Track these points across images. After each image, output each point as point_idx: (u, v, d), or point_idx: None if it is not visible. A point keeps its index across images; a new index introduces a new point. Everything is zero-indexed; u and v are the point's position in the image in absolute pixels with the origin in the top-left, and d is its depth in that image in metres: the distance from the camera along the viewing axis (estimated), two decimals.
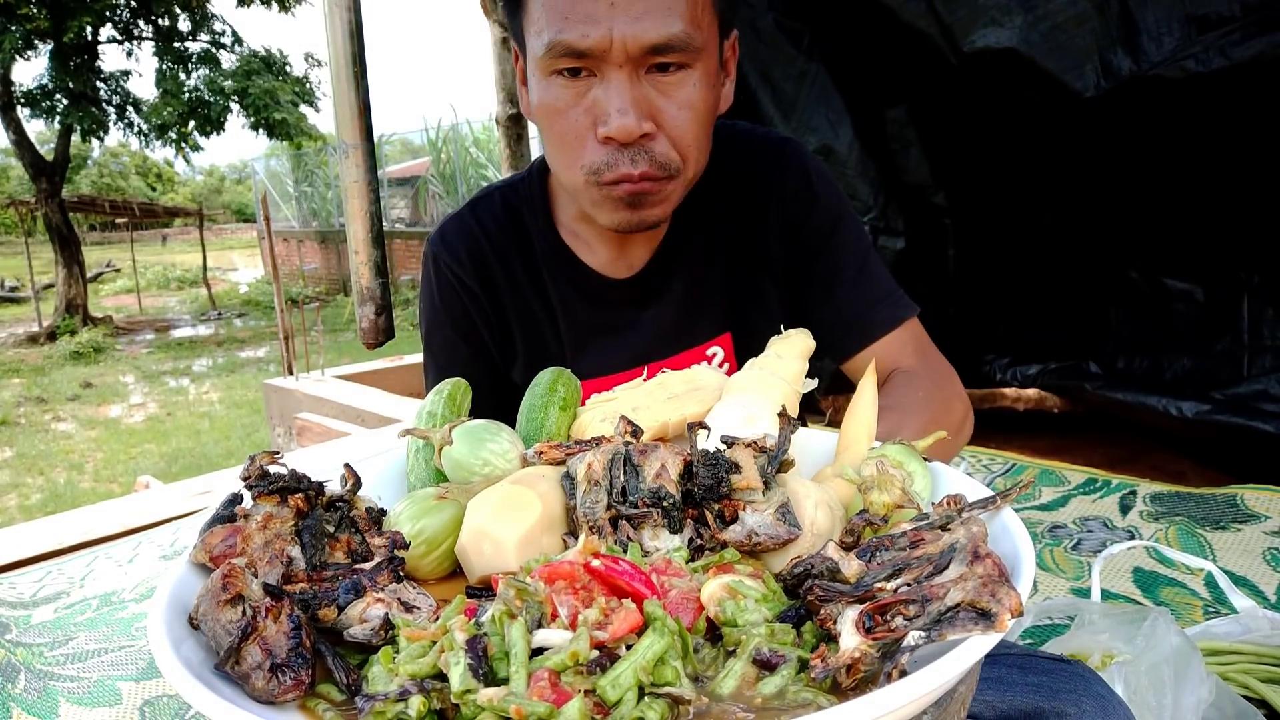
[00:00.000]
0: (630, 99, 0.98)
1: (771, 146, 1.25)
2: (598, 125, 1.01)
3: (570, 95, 1.01)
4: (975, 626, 0.45)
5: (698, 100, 1.03)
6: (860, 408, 0.80)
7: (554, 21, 0.98)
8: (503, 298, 1.28)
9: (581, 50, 0.97)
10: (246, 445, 6.95)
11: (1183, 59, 2.38)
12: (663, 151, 1.02)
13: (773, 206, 1.23)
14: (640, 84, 0.99)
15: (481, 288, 1.27)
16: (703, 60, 1.02)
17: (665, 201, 1.08)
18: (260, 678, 0.50)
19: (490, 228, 1.28)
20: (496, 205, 1.29)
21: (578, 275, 1.25)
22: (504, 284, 1.28)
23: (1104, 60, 2.51)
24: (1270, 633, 1.48)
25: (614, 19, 0.96)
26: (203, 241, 18.71)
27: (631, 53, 0.97)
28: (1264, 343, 2.76)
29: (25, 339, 13.46)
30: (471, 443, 0.77)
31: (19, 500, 6.11)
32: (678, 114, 1.02)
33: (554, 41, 0.98)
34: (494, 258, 1.27)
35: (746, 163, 1.24)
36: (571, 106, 1.02)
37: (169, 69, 15.01)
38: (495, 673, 0.48)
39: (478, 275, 1.27)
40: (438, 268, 1.30)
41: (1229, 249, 2.81)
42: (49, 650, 1.75)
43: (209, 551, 0.62)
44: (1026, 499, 2.33)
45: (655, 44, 0.96)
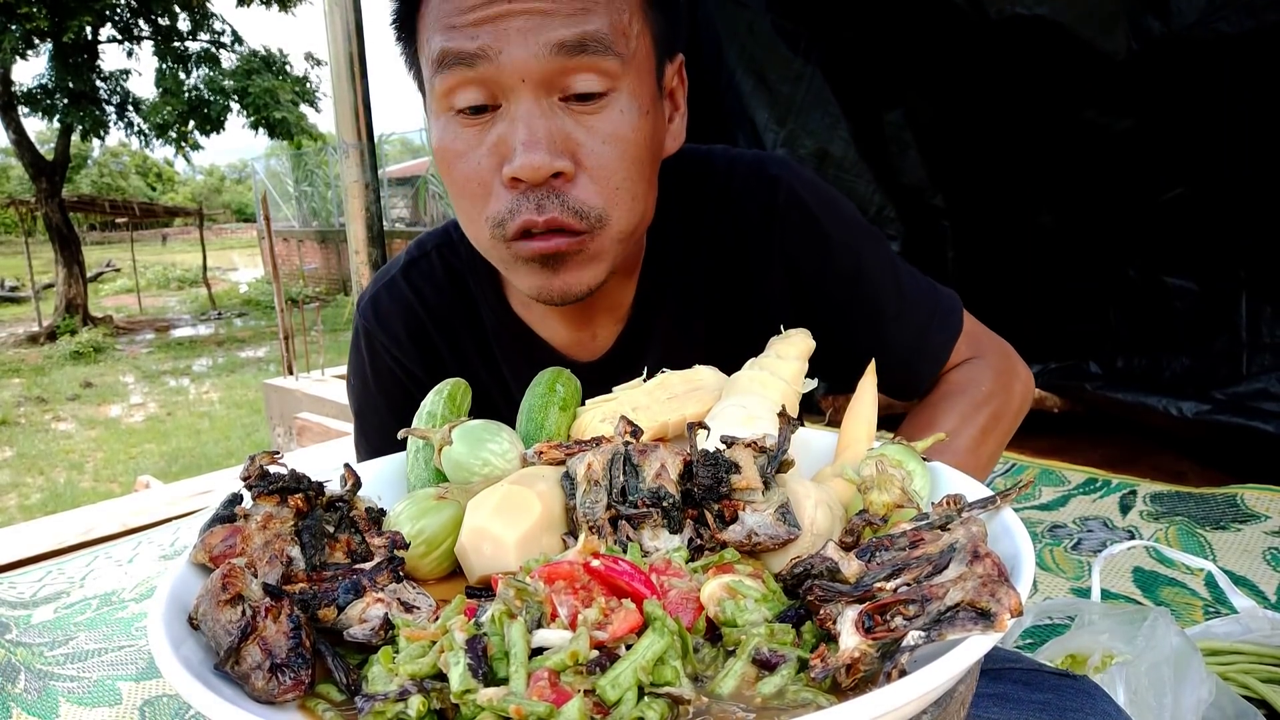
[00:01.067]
0: (541, 129, 0.81)
1: (759, 183, 1.03)
2: (504, 166, 0.84)
3: (471, 134, 0.85)
4: (975, 626, 0.45)
5: (627, 131, 0.85)
6: (860, 407, 0.80)
7: (440, 30, 0.83)
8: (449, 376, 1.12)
9: (472, 53, 0.81)
10: (246, 445, 6.95)
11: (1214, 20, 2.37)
12: (579, 197, 0.84)
13: (774, 259, 1.03)
14: (554, 115, 0.83)
15: (425, 371, 1.10)
16: (631, 81, 0.85)
17: (592, 262, 0.88)
18: (260, 678, 0.50)
19: (430, 299, 1.09)
20: (435, 271, 1.10)
21: (535, 355, 1.06)
22: (451, 364, 1.10)
23: (1134, 23, 2.50)
24: (1270, 633, 1.48)
25: (510, 18, 0.80)
26: (203, 241, 18.71)
27: (535, 66, 0.80)
28: (1263, 340, 2.75)
29: (25, 339, 13.46)
30: (471, 443, 0.77)
31: (19, 500, 6.11)
32: (601, 149, 0.84)
33: (442, 51, 0.82)
34: (438, 335, 1.10)
35: (728, 203, 1.03)
36: (473, 148, 0.86)
37: (169, 68, 15.02)
38: (495, 673, 0.48)
39: (420, 357, 1.10)
40: (371, 347, 1.12)
41: (1227, 246, 2.81)
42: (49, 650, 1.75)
43: (209, 551, 0.62)
44: (1026, 499, 2.33)
45: (565, 41, 0.80)
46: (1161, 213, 2.84)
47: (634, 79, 0.85)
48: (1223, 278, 2.84)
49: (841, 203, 1.07)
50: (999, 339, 1.14)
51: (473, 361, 1.10)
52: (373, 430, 1.17)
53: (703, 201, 1.04)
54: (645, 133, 0.87)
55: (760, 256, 1.03)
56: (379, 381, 1.13)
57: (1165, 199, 2.80)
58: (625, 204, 0.87)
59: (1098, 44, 2.54)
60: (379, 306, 1.11)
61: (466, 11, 0.81)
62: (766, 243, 1.03)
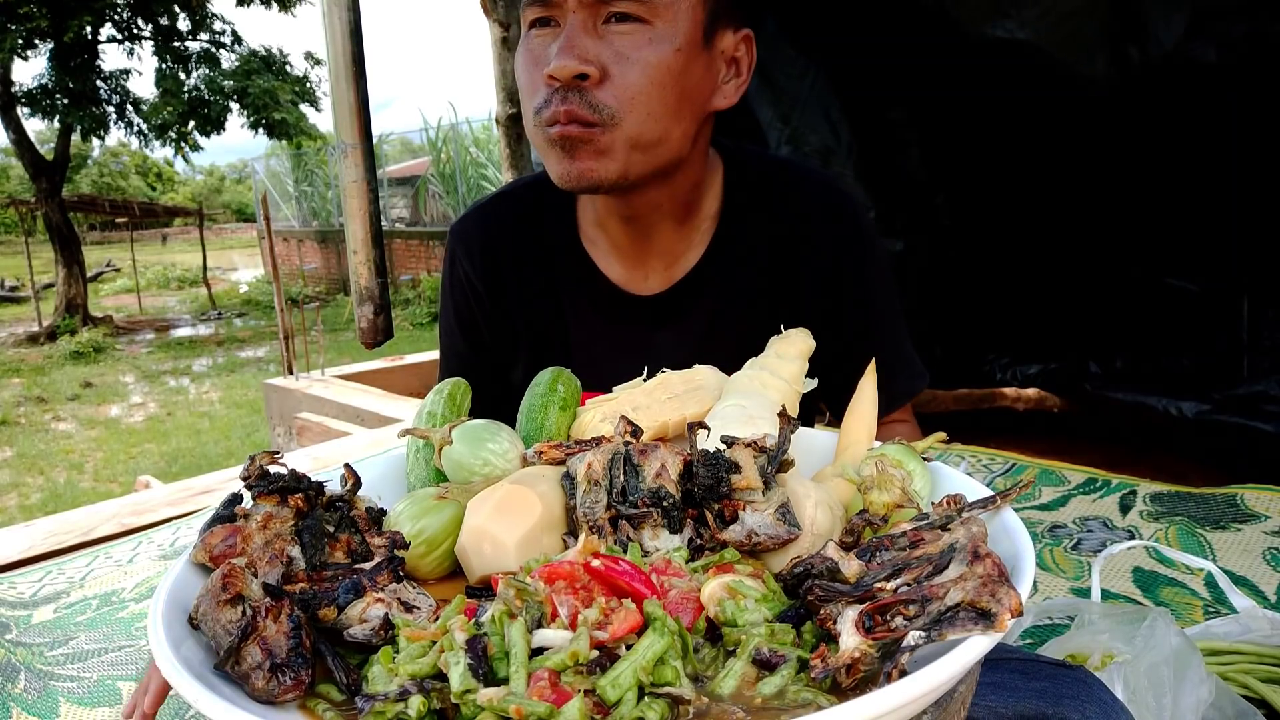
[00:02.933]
0: (575, 41, 0.99)
1: (828, 195, 1.22)
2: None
3: (538, 46, 1.03)
4: (975, 626, 0.45)
5: (652, 58, 1.00)
6: (860, 407, 0.80)
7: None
8: (510, 302, 1.26)
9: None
10: (246, 445, 6.95)
11: (1191, 49, 2.38)
12: (598, 96, 1.00)
13: (823, 253, 1.19)
14: (593, 33, 1.00)
15: (488, 289, 1.26)
16: (666, 22, 1.00)
17: (603, 155, 1.03)
18: (260, 678, 0.50)
19: (509, 225, 1.27)
20: (521, 202, 1.28)
21: (595, 286, 1.22)
22: (514, 288, 1.26)
23: (1115, 49, 2.52)
24: (1270, 633, 1.48)
25: None
26: (203, 241, 18.71)
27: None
28: (1264, 344, 2.76)
29: (25, 339, 13.46)
30: (471, 443, 0.77)
31: (19, 500, 6.11)
32: (624, 63, 1.00)
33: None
34: (507, 259, 1.26)
35: (796, 204, 1.21)
36: (538, 57, 1.03)
37: (169, 68, 15.02)
38: (495, 673, 0.48)
39: (486, 276, 1.26)
40: (452, 259, 1.31)
41: (1229, 249, 2.81)
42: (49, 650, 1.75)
43: (209, 551, 0.62)
44: (1026, 499, 2.33)
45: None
46: (1163, 215, 2.85)
47: (672, 19, 1.00)
48: (1224, 281, 2.84)
49: (881, 243, 1.26)
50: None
51: (534, 287, 1.24)
52: (443, 331, 1.34)
53: (772, 195, 1.20)
54: (674, 67, 1.01)
55: (811, 247, 1.20)
56: (453, 287, 1.30)
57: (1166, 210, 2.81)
58: (639, 114, 1.01)
59: (1079, 69, 2.55)
60: (465, 226, 1.29)
61: None
62: (820, 234, 1.20)
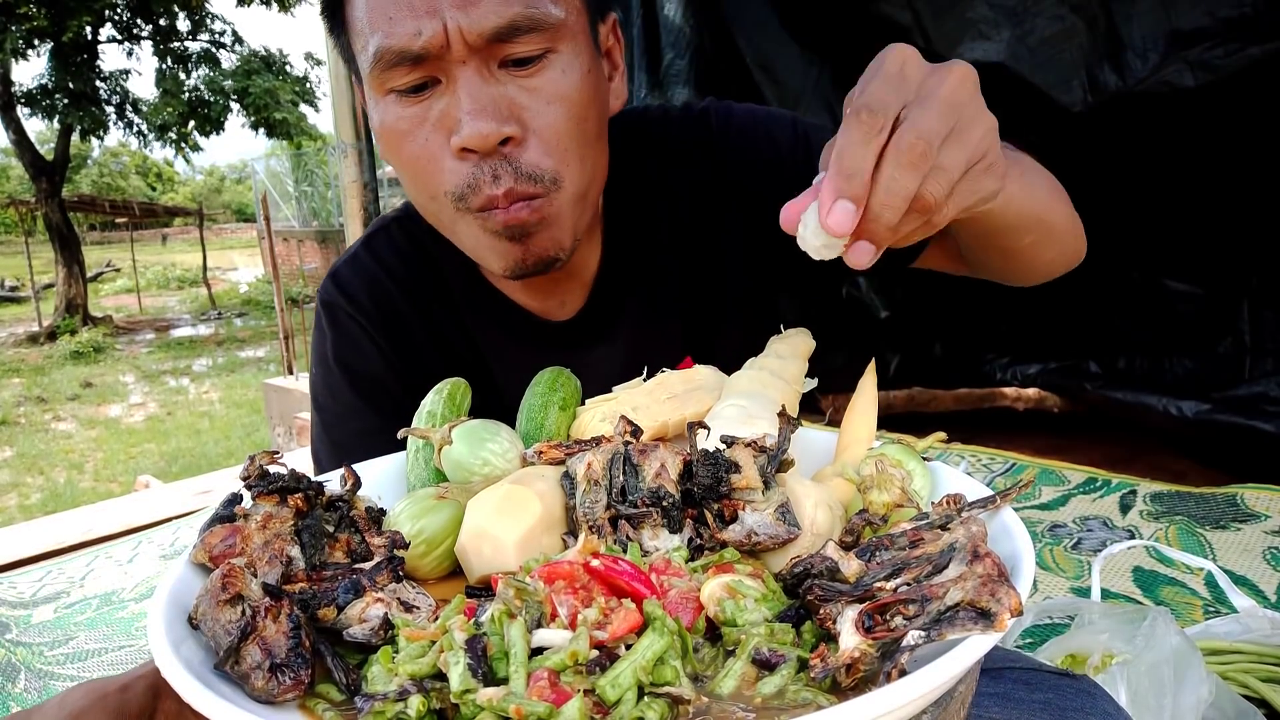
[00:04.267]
0: (485, 97, 0.82)
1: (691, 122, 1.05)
2: (452, 138, 0.84)
3: (416, 111, 0.86)
4: (975, 626, 0.45)
5: (570, 91, 0.86)
6: (860, 407, 0.80)
7: (378, 25, 0.82)
8: (419, 347, 1.08)
9: (416, 54, 0.81)
10: (246, 445, 6.95)
11: (1168, 74, 2.39)
12: (530, 160, 0.85)
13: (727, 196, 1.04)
14: (495, 81, 0.83)
15: (387, 334, 1.06)
16: (569, 42, 0.86)
17: (554, 225, 0.89)
18: (260, 678, 0.50)
19: (394, 268, 1.07)
20: (397, 241, 1.08)
21: (508, 317, 1.06)
22: (419, 329, 1.07)
23: (1091, 75, 2.53)
24: (1270, 632, 1.48)
25: (442, 7, 0.80)
26: (203, 241, 18.72)
27: (473, 44, 0.81)
28: (1266, 346, 2.76)
29: (25, 339, 13.46)
30: (471, 442, 0.77)
31: (19, 500, 6.11)
32: (545, 110, 0.85)
33: (381, 49, 0.82)
34: (403, 300, 1.07)
35: (671, 153, 1.04)
36: (418, 125, 0.86)
37: (169, 68, 15.03)
38: (495, 673, 0.48)
39: (384, 324, 1.06)
40: (334, 318, 1.08)
41: (1230, 251, 2.81)
42: (49, 650, 1.75)
43: (209, 551, 0.62)
44: (1026, 498, 2.33)
45: (499, 29, 0.81)
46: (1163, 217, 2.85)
47: (570, 39, 0.86)
48: (1226, 283, 2.84)
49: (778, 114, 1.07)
50: None
51: (444, 326, 1.08)
52: (334, 417, 1.09)
53: (647, 158, 1.04)
54: (588, 91, 0.88)
55: (714, 198, 1.03)
56: (342, 354, 1.07)
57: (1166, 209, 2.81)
58: (575, 164, 0.88)
59: (1054, 95, 2.55)
60: (340, 279, 1.09)
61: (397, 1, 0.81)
62: (716, 181, 1.03)
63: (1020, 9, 2.59)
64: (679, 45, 3.22)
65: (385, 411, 1.06)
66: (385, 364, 1.07)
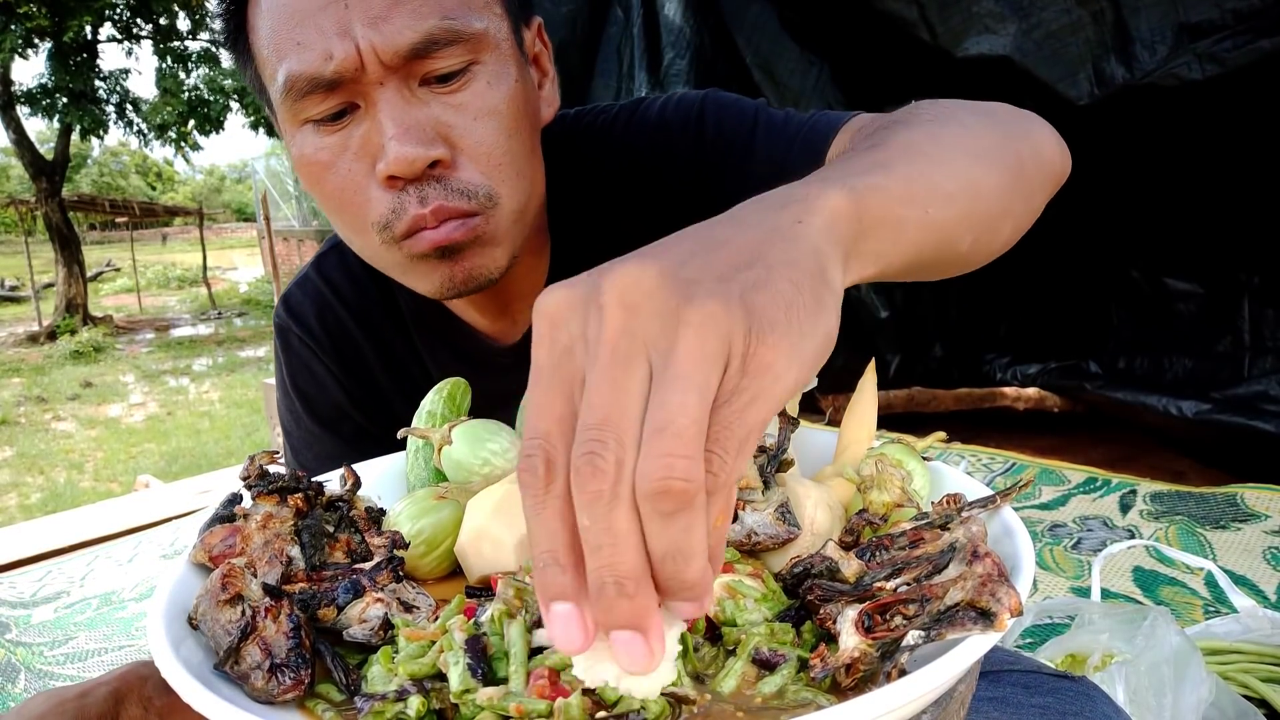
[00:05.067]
0: (408, 119, 0.76)
1: (632, 120, 0.97)
2: (376, 165, 0.78)
3: (335, 140, 0.80)
4: (975, 626, 0.45)
5: (497, 103, 0.80)
6: (860, 407, 0.80)
7: (284, 51, 0.76)
8: (370, 370, 1.04)
9: (329, 79, 0.75)
10: (246, 445, 6.95)
11: (1176, 67, 2.38)
12: (465, 179, 0.79)
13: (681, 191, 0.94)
14: (418, 101, 0.78)
15: (340, 363, 1.03)
16: (493, 52, 0.80)
17: (492, 244, 0.83)
18: (259, 678, 0.50)
19: (342, 286, 1.03)
20: (347, 258, 1.02)
21: (458, 340, 1.01)
22: (370, 352, 1.03)
23: (1098, 69, 2.52)
24: (1270, 632, 1.48)
25: (352, 24, 0.74)
26: (203, 241, 18.72)
27: (389, 62, 0.75)
28: (1265, 344, 2.76)
29: (25, 338, 13.46)
30: (471, 442, 0.76)
31: (19, 500, 6.11)
32: (474, 126, 0.79)
33: (291, 77, 0.76)
34: (352, 322, 1.03)
35: (614, 153, 0.97)
36: (339, 155, 0.80)
37: (169, 68, 15.02)
38: (495, 672, 0.48)
39: (335, 348, 1.03)
40: (287, 344, 1.05)
41: (1230, 250, 2.81)
42: (49, 650, 1.75)
43: (209, 551, 0.62)
44: (1026, 498, 2.34)
45: (415, 45, 0.75)
46: (1163, 216, 2.85)
47: (494, 48, 0.81)
48: (1225, 281, 2.84)
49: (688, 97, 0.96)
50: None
51: (395, 348, 1.03)
52: (300, 442, 1.07)
53: (586, 166, 0.97)
54: (518, 102, 0.82)
55: (663, 196, 0.93)
56: (298, 381, 1.05)
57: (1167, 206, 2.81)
58: (511, 179, 0.82)
59: (1061, 89, 2.55)
60: (290, 302, 1.05)
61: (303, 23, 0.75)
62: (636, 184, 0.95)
63: (1026, 2, 2.59)
64: (679, 45, 3.23)
65: (345, 435, 1.04)
66: (339, 388, 1.03)
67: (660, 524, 0.33)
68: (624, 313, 0.35)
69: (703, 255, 0.38)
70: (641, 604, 0.34)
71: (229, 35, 0.85)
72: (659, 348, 0.35)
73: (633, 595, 0.33)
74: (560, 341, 0.37)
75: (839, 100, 3.10)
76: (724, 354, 0.35)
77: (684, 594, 0.35)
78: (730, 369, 0.35)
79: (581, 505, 0.34)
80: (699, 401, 0.34)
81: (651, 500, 0.33)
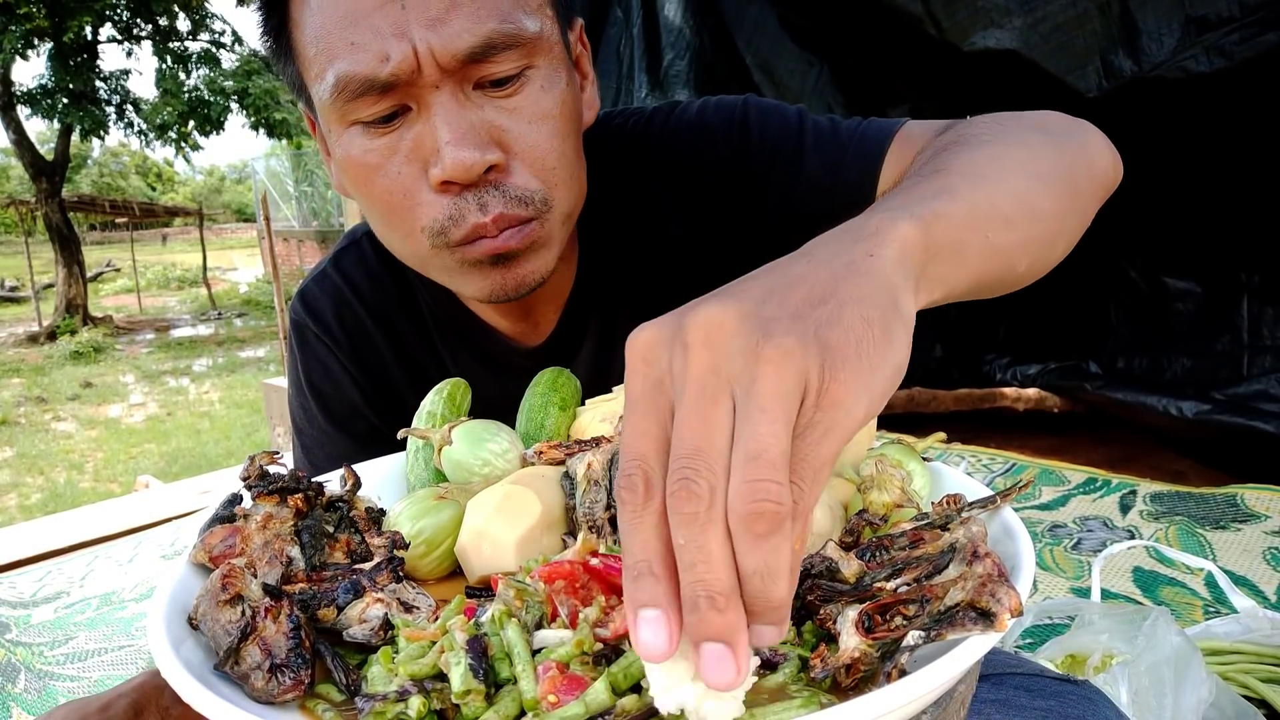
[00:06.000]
0: (464, 123, 0.75)
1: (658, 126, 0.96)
2: (429, 169, 0.77)
3: (385, 143, 0.78)
4: (975, 626, 0.45)
5: (551, 107, 0.79)
6: None
7: (336, 51, 0.75)
8: (387, 370, 1.03)
9: (384, 81, 0.74)
10: (246, 445, 6.95)
11: (1183, 59, 2.38)
12: (520, 184, 0.79)
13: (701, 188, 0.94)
14: (472, 105, 0.77)
15: (356, 362, 1.02)
16: (546, 56, 0.80)
17: (544, 248, 0.83)
18: (260, 678, 0.50)
19: (362, 287, 1.02)
20: (368, 257, 1.02)
21: (481, 341, 1.01)
22: (388, 352, 1.03)
23: (1105, 61, 2.52)
24: (1270, 633, 1.48)
25: (410, 26, 0.72)
26: (203, 241, 18.72)
27: (447, 66, 0.74)
28: (1264, 343, 2.76)
29: (25, 339, 13.46)
30: (471, 443, 0.76)
31: (19, 500, 6.11)
32: (530, 130, 0.78)
33: (344, 78, 0.74)
34: (370, 321, 1.02)
35: (639, 153, 0.97)
36: (389, 157, 0.78)
37: (169, 68, 15.02)
38: (496, 673, 0.48)
39: (352, 346, 1.02)
40: (303, 340, 1.04)
41: (1229, 248, 2.81)
42: (49, 650, 1.75)
43: (209, 551, 0.62)
44: (1026, 499, 2.34)
45: (474, 48, 0.74)
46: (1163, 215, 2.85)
47: (547, 52, 0.80)
48: (1224, 280, 2.84)
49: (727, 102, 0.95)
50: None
51: (413, 348, 1.03)
52: (313, 441, 1.06)
53: (613, 170, 0.96)
54: (570, 106, 0.82)
55: (673, 205, 0.94)
56: (313, 379, 1.04)
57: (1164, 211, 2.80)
58: (564, 182, 0.82)
59: (1069, 81, 2.55)
60: (308, 298, 1.04)
61: (357, 23, 0.73)
62: (669, 188, 0.94)
63: None
64: (679, 46, 3.23)
65: (358, 435, 1.03)
66: (355, 387, 1.03)
67: (751, 543, 0.35)
68: (708, 351, 0.38)
69: (780, 293, 0.41)
70: (732, 618, 0.35)
71: (269, 31, 0.83)
72: (741, 383, 0.37)
73: (724, 610, 0.35)
74: (651, 376, 0.39)
75: (839, 101, 3.10)
76: (800, 388, 0.37)
77: (769, 615, 0.36)
78: (806, 403, 0.37)
79: (678, 525, 0.36)
80: (785, 431, 0.36)
81: (746, 521, 0.35)
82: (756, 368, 0.37)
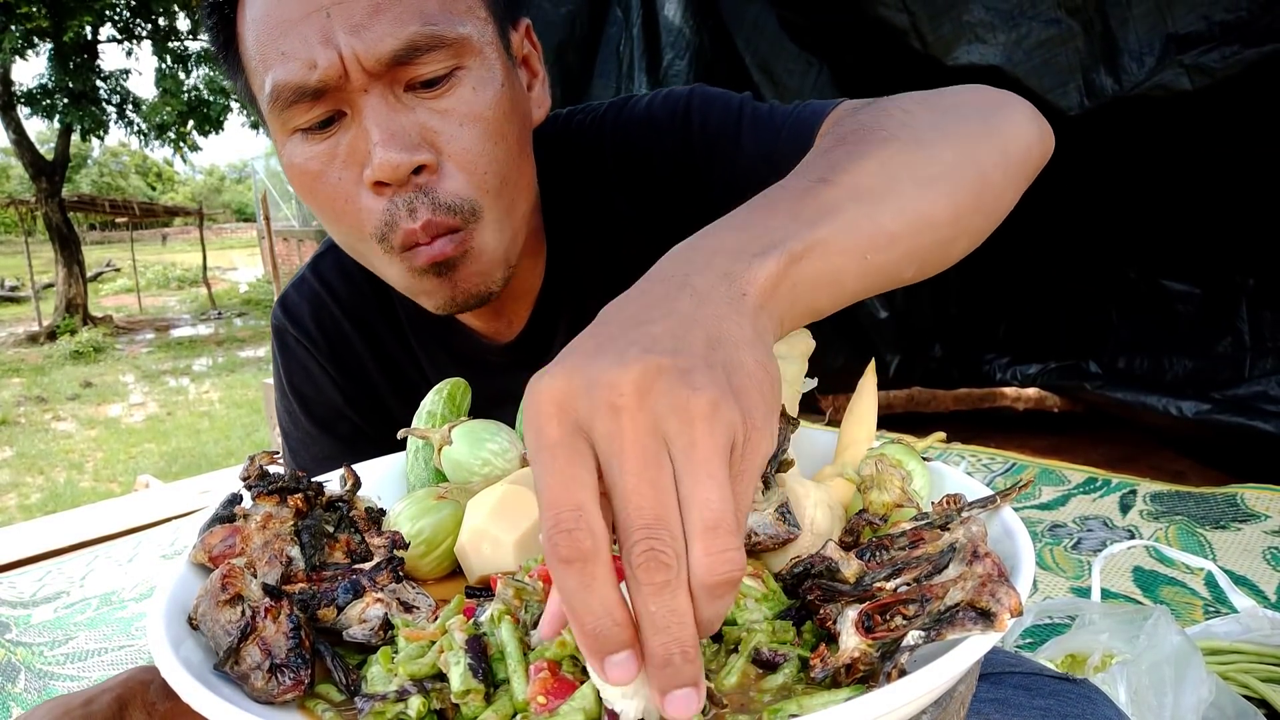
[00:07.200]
0: (393, 125, 0.76)
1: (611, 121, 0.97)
2: (364, 172, 0.79)
3: (324, 149, 0.80)
4: (975, 626, 0.45)
5: (484, 109, 0.80)
6: (860, 407, 0.80)
7: (270, 61, 0.77)
8: (367, 370, 1.05)
9: (314, 87, 0.76)
10: (246, 445, 6.94)
11: (1164, 78, 2.39)
12: (448, 189, 0.79)
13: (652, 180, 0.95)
14: (404, 107, 0.78)
15: (336, 365, 1.04)
16: (477, 57, 0.80)
17: (479, 258, 0.83)
18: (259, 678, 0.50)
19: (338, 288, 1.04)
20: (343, 259, 1.03)
21: (453, 340, 1.02)
22: (366, 353, 1.05)
23: (1087, 79, 2.53)
24: (1270, 632, 1.48)
25: (335, 32, 0.74)
26: (203, 241, 18.72)
27: (372, 69, 0.75)
28: (1266, 345, 2.76)
29: (25, 338, 13.46)
30: (471, 442, 0.76)
31: (19, 500, 6.11)
32: (461, 132, 0.79)
33: (277, 86, 0.77)
34: (348, 324, 1.04)
35: (595, 148, 0.98)
36: (328, 164, 0.80)
37: (168, 68, 15.02)
38: (495, 673, 0.48)
39: (331, 350, 1.04)
40: (284, 344, 1.06)
41: (1225, 253, 2.82)
42: (49, 650, 1.75)
43: (208, 551, 0.62)
44: (1026, 498, 2.34)
45: (397, 51, 0.75)
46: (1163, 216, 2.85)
47: (478, 53, 0.80)
48: (1222, 284, 2.84)
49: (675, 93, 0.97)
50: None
51: (390, 349, 1.05)
52: (299, 443, 1.08)
53: (574, 166, 0.97)
54: (505, 107, 0.82)
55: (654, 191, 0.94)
56: (295, 382, 1.06)
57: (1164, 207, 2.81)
58: (495, 187, 0.82)
59: (1051, 99, 2.56)
60: (287, 303, 1.06)
61: (286, 33, 0.76)
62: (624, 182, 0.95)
63: (1016, 12, 2.60)
64: (679, 46, 3.23)
65: (342, 436, 1.05)
66: (336, 389, 1.05)
67: (712, 602, 0.38)
68: (644, 414, 0.39)
69: (682, 338, 0.42)
70: (699, 664, 0.38)
71: (219, 48, 0.85)
72: (678, 444, 0.39)
73: (693, 660, 0.38)
74: (568, 423, 0.40)
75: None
76: (730, 442, 0.39)
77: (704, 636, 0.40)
78: (734, 454, 0.40)
79: (648, 594, 0.37)
80: (729, 492, 0.39)
81: (712, 590, 0.38)
82: (692, 430, 0.38)
